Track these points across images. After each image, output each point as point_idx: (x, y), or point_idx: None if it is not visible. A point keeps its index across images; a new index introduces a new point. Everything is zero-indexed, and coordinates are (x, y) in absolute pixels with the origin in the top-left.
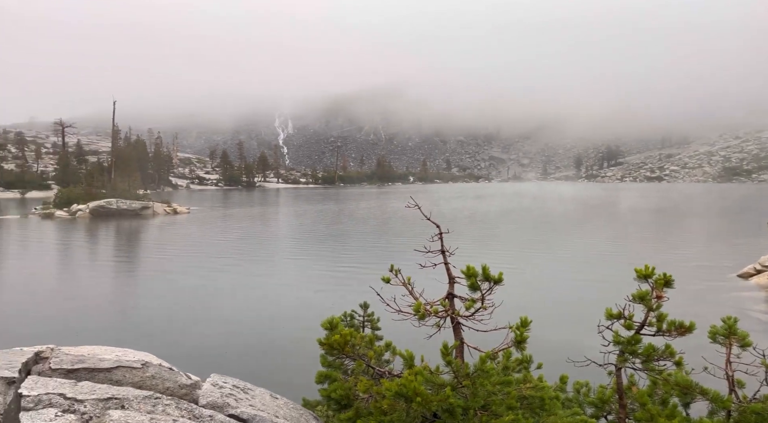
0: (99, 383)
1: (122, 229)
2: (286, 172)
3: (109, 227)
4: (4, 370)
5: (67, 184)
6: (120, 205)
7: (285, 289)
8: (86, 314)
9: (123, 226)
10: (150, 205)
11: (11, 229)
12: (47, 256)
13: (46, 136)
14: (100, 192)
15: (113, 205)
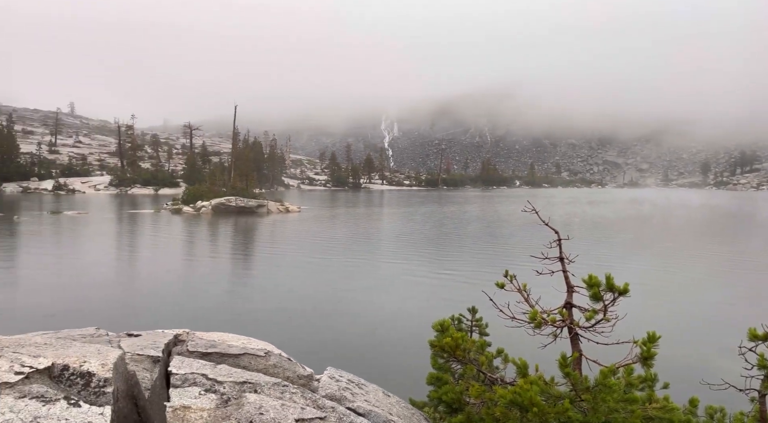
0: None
1: (241, 225)
2: (390, 174)
3: (228, 223)
4: (150, 349)
5: (193, 182)
6: (238, 202)
7: (392, 288)
8: (209, 302)
9: (241, 222)
10: (265, 203)
11: (146, 222)
12: (177, 248)
13: (176, 138)
14: (221, 190)
15: (232, 203)
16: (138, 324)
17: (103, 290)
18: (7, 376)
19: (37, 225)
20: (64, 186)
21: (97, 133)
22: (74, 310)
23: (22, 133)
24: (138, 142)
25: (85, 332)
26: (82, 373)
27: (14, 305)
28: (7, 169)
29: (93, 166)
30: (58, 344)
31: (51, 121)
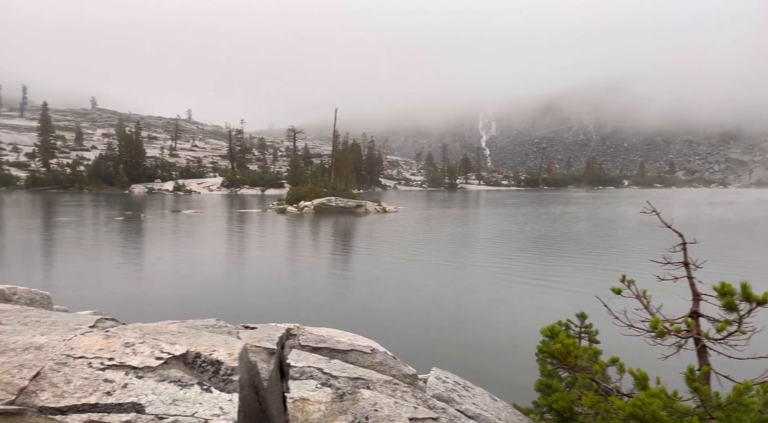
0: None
1: (340, 225)
2: (487, 174)
3: (329, 222)
4: (266, 341)
5: (296, 183)
6: (338, 202)
7: (491, 290)
8: (313, 298)
9: (341, 221)
10: (363, 203)
11: (253, 221)
12: (282, 246)
13: (281, 141)
14: (322, 191)
15: (332, 203)
16: (249, 316)
17: (217, 284)
18: (149, 361)
19: (159, 222)
20: (183, 187)
21: (211, 138)
22: (194, 301)
23: (147, 138)
24: (246, 146)
25: (207, 323)
26: (212, 361)
27: (145, 295)
28: (135, 171)
29: (207, 169)
30: (190, 333)
31: (172, 128)
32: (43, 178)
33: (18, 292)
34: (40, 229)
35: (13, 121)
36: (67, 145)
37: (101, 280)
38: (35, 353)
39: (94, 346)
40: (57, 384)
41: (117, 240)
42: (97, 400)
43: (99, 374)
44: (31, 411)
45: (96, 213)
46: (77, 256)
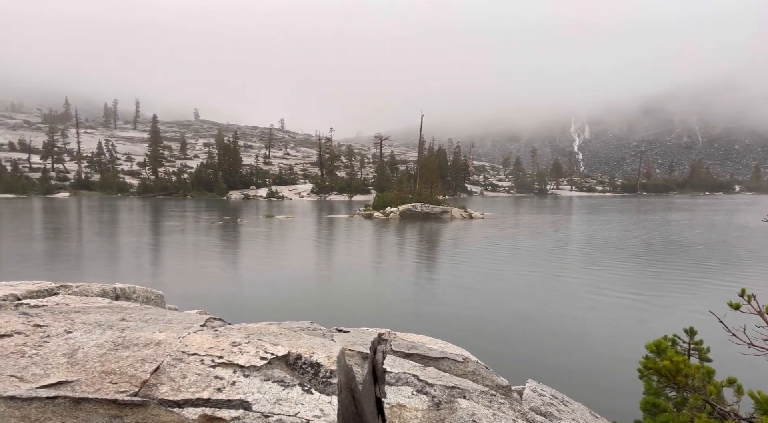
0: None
1: (426, 230)
2: (580, 179)
3: (415, 228)
4: (359, 346)
5: (382, 189)
6: (424, 208)
7: (584, 301)
8: (401, 303)
9: (426, 227)
10: (449, 209)
11: (341, 226)
12: (369, 251)
13: (368, 148)
14: (408, 197)
15: (418, 209)
16: (339, 320)
17: (308, 286)
18: (254, 361)
19: (255, 227)
20: (275, 193)
21: (302, 146)
22: (286, 303)
23: (243, 147)
24: (335, 153)
25: (303, 325)
26: (311, 363)
27: (242, 296)
28: (232, 178)
29: (298, 175)
30: (290, 335)
31: (266, 137)
32: (152, 185)
33: (137, 291)
34: (150, 233)
35: (128, 133)
36: (173, 154)
37: (203, 281)
38: (155, 349)
39: (206, 344)
40: (174, 378)
41: (217, 243)
42: (209, 395)
43: (210, 371)
44: (153, 403)
45: (197, 218)
46: (182, 258)
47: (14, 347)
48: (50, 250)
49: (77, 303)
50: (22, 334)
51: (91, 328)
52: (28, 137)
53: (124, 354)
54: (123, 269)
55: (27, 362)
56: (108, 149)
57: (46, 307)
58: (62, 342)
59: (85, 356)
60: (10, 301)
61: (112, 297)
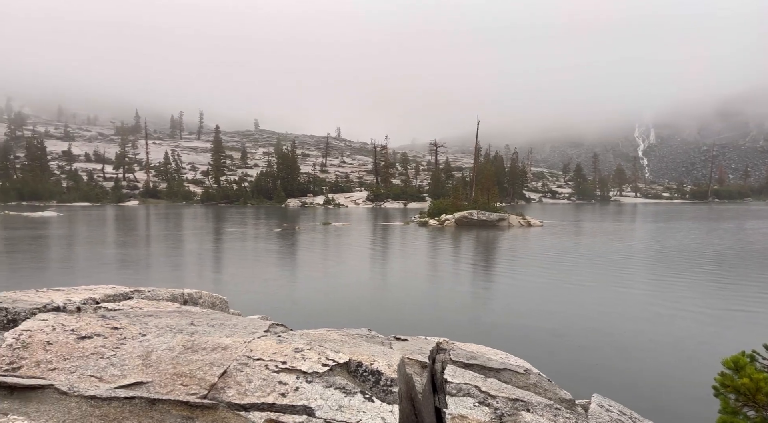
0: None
1: (482, 238)
2: (645, 185)
3: (471, 236)
4: (418, 354)
5: (437, 196)
6: (480, 216)
7: (655, 313)
8: (457, 312)
9: (482, 235)
10: (506, 217)
11: (396, 234)
12: (425, 258)
13: (423, 155)
14: (464, 204)
15: (474, 216)
16: (395, 327)
17: (364, 293)
18: (316, 367)
19: (312, 234)
20: (332, 201)
21: (357, 154)
22: (343, 309)
23: (301, 156)
24: (390, 161)
25: (361, 332)
26: (372, 371)
27: (300, 301)
28: (290, 186)
29: (353, 183)
30: (351, 342)
31: (322, 145)
32: (215, 193)
33: (203, 296)
34: (212, 239)
35: (192, 143)
36: (234, 163)
37: (263, 287)
38: (222, 353)
39: (270, 350)
40: (240, 382)
41: (275, 250)
42: (274, 400)
43: (274, 376)
44: (222, 406)
45: (257, 225)
46: (242, 264)
47: (94, 348)
48: (122, 255)
49: (150, 307)
50: (101, 336)
51: (163, 332)
52: (102, 148)
53: (193, 357)
54: (187, 274)
55: (106, 363)
56: (174, 159)
57: (122, 310)
58: (137, 344)
59: (158, 358)
60: (89, 305)
61: (181, 301)
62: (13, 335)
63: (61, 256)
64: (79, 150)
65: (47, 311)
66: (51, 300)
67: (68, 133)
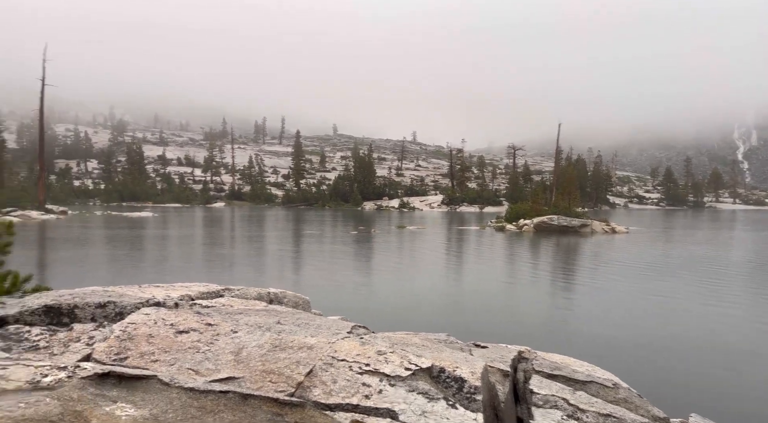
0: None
1: (563, 244)
2: (745, 191)
3: (550, 242)
4: (499, 362)
5: (515, 200)
6: (560, 221)
7: (763, 328)
8: (537, 320)
9: (563, 241)
10: (588, 222)
11: (472, 238)
12: (503, 264)
13: (500, 158)
14: (543, 209)
15: (554, 222)
16: (472, 334)
17: (439, 297)
18: (399, 370)
19: (387, 236)
20: (407, 204)
21: (433, 157)
22: (419, 313)
23: (377, 160)
24: (466, 164)
25: (439, 337)
26: (455, 378)
27: (376, 304)
28: (367, 190)
29: (429, 187)
30: (433, 347)
31: (398, 149)
32: (295, 196)
33: (287, 296)
34: (292, 240)
35: (274, 147)
36: (313, 167)
37: (340, 288)
38: (307, 352)
39: (353, 351)
40: (326, 382)
41: (352, 252)
42: (358, 401)
43: (358, 378)
44: (309, 404)
45: (335, 227)
46: (319, 265)
47: (191, 343)
48: (208, 255)
49: (239, 305)
50: (197, 331)
51: (253, 329)
52: (193, 153)
53: (281, 355)
54: (268, 274)
55: (201, 357)
56: (257, 163)
57: (214, 307)
58: (229, 340)
59: (248, 355)
60: (186, 301)
61: (267, 300)
62: (121, 327)
63: (156, 254)
64: (172, 154)
65: (149, 306)
66: (152, 296)
67: (163, 139)
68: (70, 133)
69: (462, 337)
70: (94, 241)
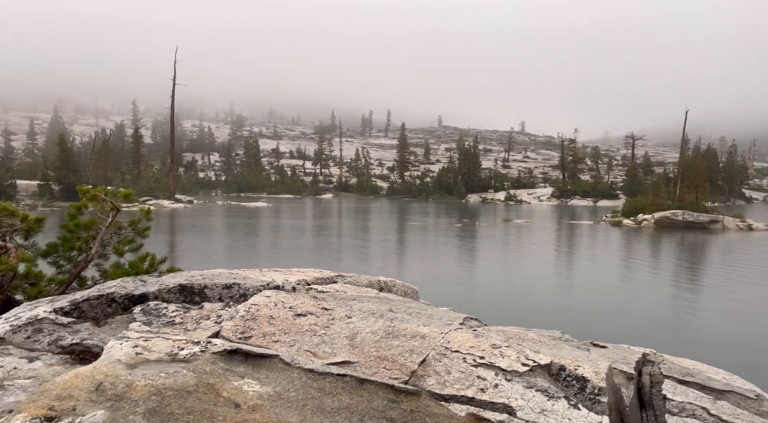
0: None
1: (689, 242)
2: None
3: (674, 239)
4: (622, 364)
5: (633, 194)
6: (686, 216)
7: None
8: (658, 322)
9: (689, 238)
10: (719, 218)
11: (584, 233)
12: (621, 261)
13: (617, 149)
14: (665, 203)
15: (678, 217)
16: (586, 332)
17: (547, 293)
18: (515, 366)
19: (492, 230)
20: (513, 197)
21: (542, 148)
22: (526, 308)
23: (483, 151)
24: (579, 155)
25: (554, 334)
26: (577, 377)
27: (481, 297)
28: (471, 182)
29: (537, 179)
30: (551, 343)
31: (505, 140)
32: (399, 188)
33: (396, 285)
34: (396, 231)
35: (380, 140)
36: (417, 159)
37: (445, 279)
38: (420, 341)
39: (466, 343)
40: (439, 372)
41: (455, 244)
42: (473, 394)
43: (472, 370)
44: (424, 393)
45: (438, 219)
46: (424, 256)
47: (308, 326)
48: (318, 243)
49: (352, 291)
50: (314, 314)
51: (366, 316)
52: (304, 146)
53: (394, 343)
54: (374, 263)
55: (318, 340)
56: (363, 155)
57: (329, 292)
58: (344, 325)
59: (362, 341)
60: (302, 286)
61: (377, 288)
62: (245, 308)
63: (271, 241)
64: (285, 148)
65: (269, 289)
66: (272, 279)
67: (276, 133)
68: (196, 128)
69: (575, 335)
70: (217, 228)
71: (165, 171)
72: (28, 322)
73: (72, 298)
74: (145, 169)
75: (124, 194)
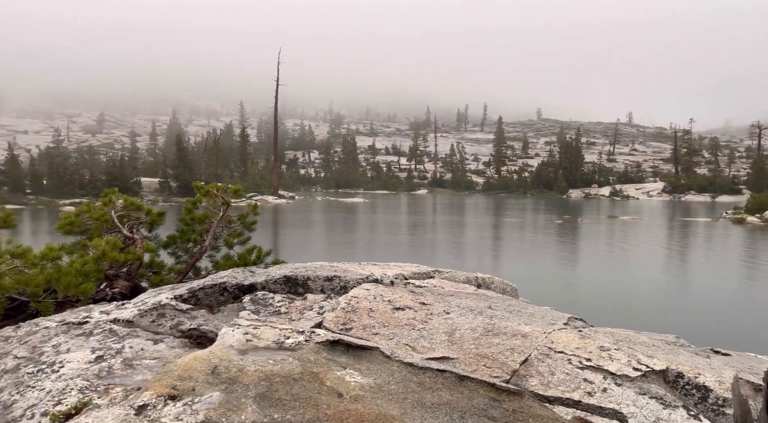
0: None
1: None
2: None
3: None
4: (748, 374)
5: (759, 188)
6: None
7: None
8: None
9: None
10: None
11: (700, 231)
12: (742, 262)
13: (739, 140)
14: None
15: None
16: (703, 339)
17: (656, 295)
18: (626, 370)
19: (596, 227)
20: (619, 192)
21: (652, 141)
22: (632, 310)
23: (585, 144)
24: (694, 147)
25: (667, 338)
26: (697, 386)
27: (583, 296)
28: (573, 177)
29: (646, 173)
30: (666, 348)
31: (610, 132)
32: (495, 183)
33: (494, 282)
34: (492, 227)
35: (475, 135)
36: (515, 153)
37: (545, 277)
38: (522, 340)
39: (572, 344)
40: (542, 373)
41: (556, 241)
42: (579, 397)
43: (578, 372)
44: (527, 394)
45: (537, 215)
46: (522, 253)
47: (407, 320)
48: (412, 238)
49: (450, 287)
50: (412, 309)
51: (465, 312)
52: (399, 143)
53: (494, 340)
54: (469, 259)
55: (417, 335)
56: (458, 151)
57: (426, 287)
58: (442, 321)
59: (461, 337)
60: (400, 280)
61: (475, 285)
62: (345, 300)
63: (368, 235)
64: (381, 144)
65: (368, 282)
66: (371, 273)
67: (373, 130)
68: (297, 127)
69: (691, 341)
70: (317, 222)
71: (269, 168)
72: (153, 307)
73: (189, 286)
74: (251, 167)
75: (234, 190)
